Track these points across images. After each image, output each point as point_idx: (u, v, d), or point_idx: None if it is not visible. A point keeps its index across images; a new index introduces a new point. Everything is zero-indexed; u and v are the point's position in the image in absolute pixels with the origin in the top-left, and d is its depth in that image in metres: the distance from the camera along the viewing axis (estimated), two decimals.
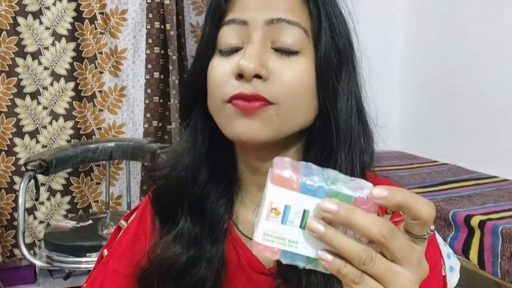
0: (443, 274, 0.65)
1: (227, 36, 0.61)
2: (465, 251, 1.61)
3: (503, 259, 1.49)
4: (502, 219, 1.56)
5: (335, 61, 0.61)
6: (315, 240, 0.43)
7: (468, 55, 2.29)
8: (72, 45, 2.39)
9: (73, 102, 2.42)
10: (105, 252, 0.71)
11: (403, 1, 2.65)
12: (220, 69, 0.60)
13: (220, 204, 0.66)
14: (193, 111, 0.66)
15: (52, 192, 2.43)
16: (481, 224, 1.55)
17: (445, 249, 0.97)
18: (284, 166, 0.44)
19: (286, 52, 0.59)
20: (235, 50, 0.61)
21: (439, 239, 0.98)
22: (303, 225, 0.43)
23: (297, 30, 0.60)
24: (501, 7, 2.11)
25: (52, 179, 2.42)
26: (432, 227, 0.44)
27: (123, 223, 0.73)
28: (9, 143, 2.33)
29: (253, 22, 0.60)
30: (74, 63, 2.40)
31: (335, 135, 0.61)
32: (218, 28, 0.62)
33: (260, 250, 0.45)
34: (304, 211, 0.43)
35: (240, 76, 0.58)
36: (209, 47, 0.62)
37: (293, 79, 0.59)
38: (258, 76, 0.57)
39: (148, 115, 2.52)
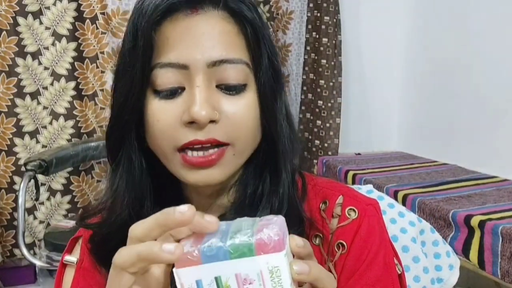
0: (398, 272, 0.65)
1: (165, 78, 0.57)
2: (465, 251, 1.61)
3: (503, 259, 1.49)
4: (502, 219, 1.56)
5: (273, 83, 0.60)
6: None
7: (468, 55, 2.28)
8: (72, 45, 2.38)
9: (74, 101, 2.41)
10: None
11: (403, 1, 2.66)
12: (164, 115, 0.57)
13: None
14: (123, 148, 0.62)
15: (52, 192, 2.43)
16: (481, 224, 1.55)
17: (444, 247, 0.97)
18: (184, 243, 0.43)
19: (232, 90, 0.57)
20: (174, 92, 0.57)
21: (438, 237, 0.98)
22: None
23: (240, 67, 0.57)
24: (502, 6, 2.11)
25: (52, 179, 2.42)
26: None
27: (70, 258, 0.68)
28: (9, 143, 2.33)
29: (194, 66, 0.56)
30: (75, 62, 2.39)
31: (280, 154, 0.61)
32: (150, 66, 0.57)
33: None
34: (216, 279, 0.42)
35: (191, 122, 0.56)
36: (142, 86, 0.58)
37: (242, 116, 0.57)
38: (211, 121, 0.56)
39: None
